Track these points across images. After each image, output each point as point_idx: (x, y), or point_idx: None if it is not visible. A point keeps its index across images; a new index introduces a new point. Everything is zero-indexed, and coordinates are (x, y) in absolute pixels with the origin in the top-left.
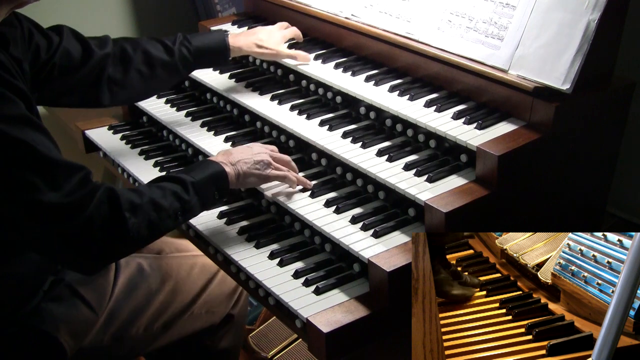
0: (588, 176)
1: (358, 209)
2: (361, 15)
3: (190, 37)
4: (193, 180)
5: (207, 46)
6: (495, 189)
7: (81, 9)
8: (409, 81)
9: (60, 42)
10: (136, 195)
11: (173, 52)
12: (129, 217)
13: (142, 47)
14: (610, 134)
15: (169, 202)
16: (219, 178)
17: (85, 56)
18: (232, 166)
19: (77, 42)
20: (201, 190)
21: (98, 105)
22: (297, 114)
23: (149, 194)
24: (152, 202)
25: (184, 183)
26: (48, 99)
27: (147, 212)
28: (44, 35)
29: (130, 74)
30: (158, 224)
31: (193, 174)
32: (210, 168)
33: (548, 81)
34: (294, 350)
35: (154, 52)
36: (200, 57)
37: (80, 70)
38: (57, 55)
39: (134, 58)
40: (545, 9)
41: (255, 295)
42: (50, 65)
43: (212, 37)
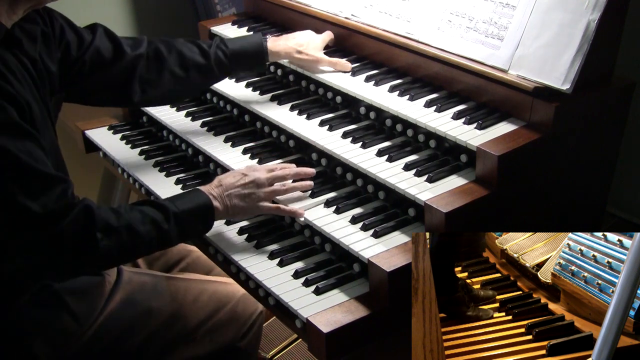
0: (588, 176)
1: (358, 209)
2: (361, 15)
3: (227, 41)
4: (176, 210)
5: (244, 49)
6: (495, 189)
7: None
8: (409, 81)
9: (93, 41)
10: (114, 216)
11: (209, 55)
12: (101, 238)
13: (177, 48)
14: (610, 134)
15: (146, 229)
16: (204, 209)
17: (117, 56)
18: (220, 199)
19: (109, 42)
20: (183, 222)
21: (129, 104)
22: (297, 114)
23: (127, 218)
24: (128, 227)
25: (166, 212)
26: (79, 97)
27: (121, 235)
28: (76, 33)
29: (164, 75)
30: (130, 249)
31: (178, 204)
32: (197, 199)
33: (548, 81)
34: (294, 350)
35: (188, 54)
36: (236, 61)
37: (111, 70)
38: (88, 53)
39: (168, 59)
40: (545, 9)
41: (255, 295)
42: (80, 63)
43: (250, 41)
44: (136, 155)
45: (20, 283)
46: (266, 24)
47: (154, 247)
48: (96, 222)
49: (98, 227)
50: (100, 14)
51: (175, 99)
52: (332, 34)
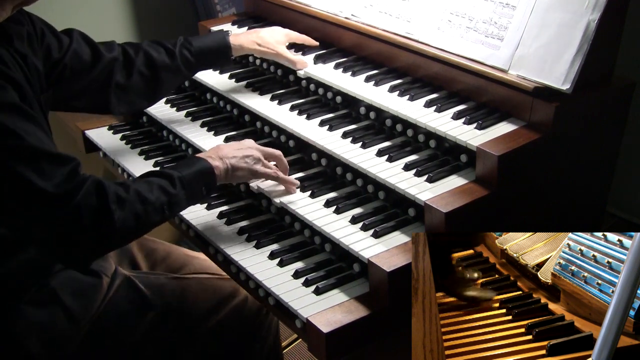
0: (588, 176)
1: (358, 209)
2: (361, 15)
3: (191, 39)
4: (180, 174)
5: (208, 46)
6: (495, 189)
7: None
8: (409, 81)
9: (71, 44)
10: (122, 188)
11: (174, 54)
12: (115, 210)
13: (143, 50)
14: (610, 134)
15: (156, 196)
16: (206, 173)
17: (95, 59)
18: (220, 160)
19: (87, 45)
20: (188, 184)
21: (107, 111)
22: (297, 114)
23: (135, 188)
24: (138, 195)
25: (170, 177)
26: (59, 103)
27: (133, 204)
28: (55, 35)
29: (133, 78)
30: (145, 217)
31: (180, 169)
32: (197, 164)
33: (548, 81)
34: (294, 350)
35: (155, 55)
36: (202, 58)
37: (90, 73)
38: (68, 56)
39: (136, 61)
40: (545, 9)
41: (255, 295)
42: (61, 66)
43: (213, 37)
44: (136, 155)
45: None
46: (266, 23)
47: (167, 212)
48: (108, 194)
49: (111, 199)
50: (101, 14)
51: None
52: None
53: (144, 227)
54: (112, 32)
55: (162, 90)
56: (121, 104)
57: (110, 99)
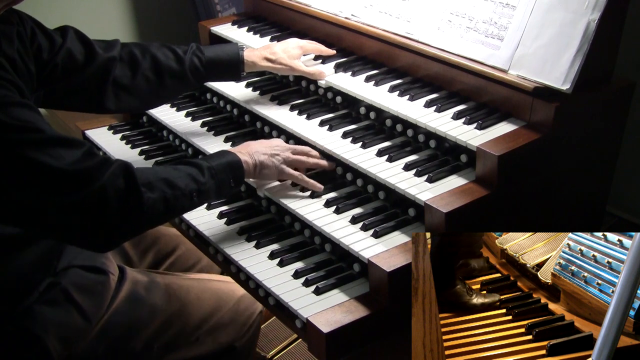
0: (588, 176)
1: (358, 209)
2: (361, 15)
3: (203, 48)
4: (209, 165)
5: (220, 58)
6: (495, 189)
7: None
8: (409, 81)
9: (63, 43)
10: (151, 172)
11: (183, 61)
12: (145, 192)
13: (152, 53)
14: (610, 134)
15: (185, 183)
16: (235, 166)
17: (89, 58)
18: (249, 156)
19: (81, 44)
20: (217, 175)
21: (102, 109)
22: (297, 114)
23: (164, 173)
24: (167, 180)
25: (199, 167)
26: (52, 101)
27: (162, 188)
28: (47, 35)
29: (137, 80)
30: (173, 202)
31: (209, 160)
32: (227, 156)
33: (548, 81)
34: (294, 350)
35: (162, 59)
36: (212, 69)
37: (83, 72)
38: (60, 56)
39: (142, 63)
40: (545, 9)
41: (255, 295)
42: (52, 66)
43: (226, 49)
44: (136, 155)
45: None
46: (266, 24)
47: (195, 199)
48: (137, 176)
49: (140, 181)
50: (101, 14)
51: (149, 105)
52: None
53: (172, 211)
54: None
55: (166, 96)
56: (120, 103)
57: (107, 97)
